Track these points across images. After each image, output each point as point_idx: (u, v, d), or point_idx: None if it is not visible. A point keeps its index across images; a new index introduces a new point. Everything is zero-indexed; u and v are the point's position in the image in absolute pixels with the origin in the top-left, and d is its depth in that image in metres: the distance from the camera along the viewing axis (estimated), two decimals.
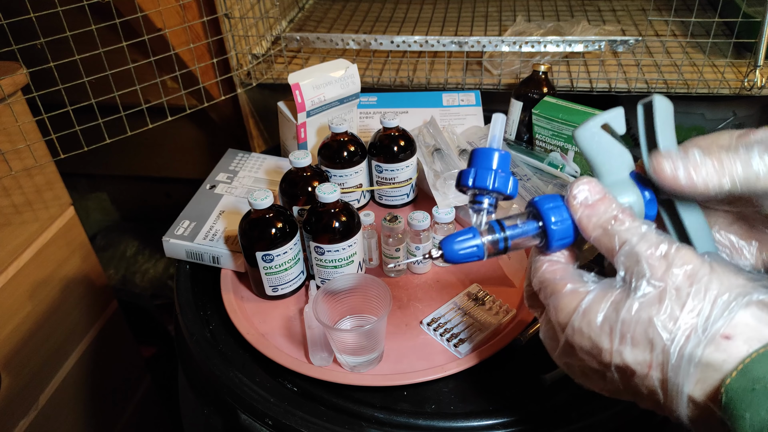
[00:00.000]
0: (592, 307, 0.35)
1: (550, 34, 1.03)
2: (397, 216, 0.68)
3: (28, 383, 0.93)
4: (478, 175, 0.43)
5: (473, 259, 0.41)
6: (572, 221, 0.39)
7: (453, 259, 0.41)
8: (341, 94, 0.79)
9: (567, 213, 0.39)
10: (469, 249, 0.41)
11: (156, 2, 0.92)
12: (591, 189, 0.38)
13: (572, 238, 0.40)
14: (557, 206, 0.40)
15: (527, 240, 0.41)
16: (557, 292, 0.38)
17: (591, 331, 0.35)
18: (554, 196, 0.41)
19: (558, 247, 0.40)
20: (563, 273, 0.39)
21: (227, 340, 0.64)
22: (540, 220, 0.40)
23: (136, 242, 1.58)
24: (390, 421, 0.54)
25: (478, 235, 0.41)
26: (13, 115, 0.81)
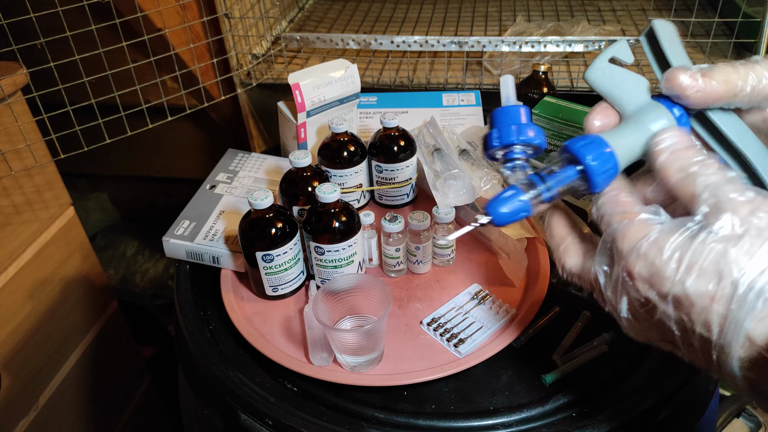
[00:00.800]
0: (663, 235, 0.34)
1: (550, 34, 1.04)
2: (397, 216, 0.68)
3: (28, 383, 0.93)
4: (503, 132, 0.42)
5: (522, 216, 0.40)
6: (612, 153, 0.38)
7: (502, 221, 0.40)
8: (341, 94, 0.79)
9: (603, 146, 0.38)
10: (515, 207, 0.40)
11: (156, 2, 0.92)
12: (679, 136, 0.37)
13: (615, 169, 0.39)
14: (590, 142, 0.39)
15: (570, 186, 0.40)
16: (627, 219, 0.37)
17: (657, 257, 0.34)
18: (584, 136, 0.39)
19: (603, 182, 0.39)
20: (634, 204, 0.38)
21: (227, 340, 0.64)
22: (577, 163, 0.39)
23: (136, 242, 1.58)
24: (390, 421, 0.54)
25: (521, 191, 0.40)
26: (13, 115, 0.81)
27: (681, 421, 0.57)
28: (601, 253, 0.39)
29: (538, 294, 0.65)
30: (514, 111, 0.42)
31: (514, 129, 0.41)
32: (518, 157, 0.42)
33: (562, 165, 0.40)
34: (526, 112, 0.42)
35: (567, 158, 0.40)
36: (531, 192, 0.40)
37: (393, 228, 0.67)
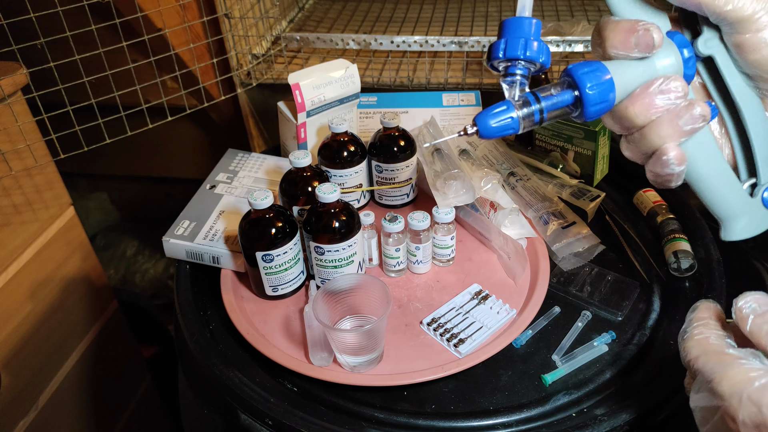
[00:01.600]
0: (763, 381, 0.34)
1: (550, 34, 1.03)
2: (397, 216, 0.68)
3: (28, 383, 0.93)
4: (509, 45, 0.41)
5: (509, 132, 0.40)
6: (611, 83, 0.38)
7: (488, 133, 0.40)
8: (341, 94, 0.79)
9: (604, 75, 0.38)
10: (504, 121, 0.40)
11: (156, 2, 0.92)
12: (758, 300, 0.38)
13: (610, 103, 0.39)
14: (594, 69, 0.38)
15: (564, 110, 0.40)
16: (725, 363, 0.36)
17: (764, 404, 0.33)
18: (590, 62, 0.39)
19: (594, 114, 0.39)
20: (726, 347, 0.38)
21: (227, 340, 0.64)
22: (575, 89, 0.39)
23: (136, 242, 1.57)
24: (390, 421, 0.54)
25: (513, 108, 0.40)
26: (13, 115, 0.81)
27: (681, 421, 0.57)
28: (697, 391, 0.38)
29: (538, 294, 0.65)
30: (524, 23, 0.41)
31: (521, 43, 0.41)
32: (519, 73, 0.41)
33: (561, 88, 0.40)
34: (537, 26, 0.41)
35: (567, 81, 0.40)
36: (523, 110, 0.40)
37: (393, 228, 0.67)
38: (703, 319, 0.41)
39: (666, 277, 0.69)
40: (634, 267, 0.71)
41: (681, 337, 0.41)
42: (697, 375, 0.38)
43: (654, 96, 0.38)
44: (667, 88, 0.38)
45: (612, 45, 0.39)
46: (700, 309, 0.42)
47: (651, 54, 0.38)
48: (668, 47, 0.39)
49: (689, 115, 0.38)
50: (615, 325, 0.64)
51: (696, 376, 0.38)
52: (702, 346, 0.39)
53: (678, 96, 0.38)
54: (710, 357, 0.37)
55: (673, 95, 0.38)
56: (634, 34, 0.38)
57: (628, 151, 0.41)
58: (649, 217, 0.76)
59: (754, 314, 0.37)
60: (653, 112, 0.38)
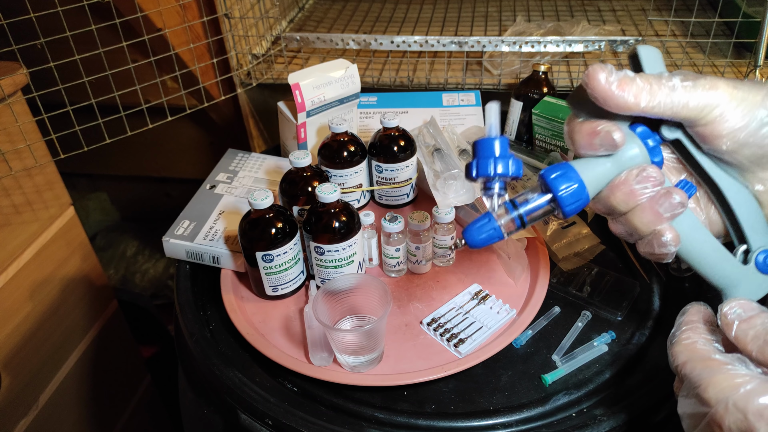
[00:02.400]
0: (757, 390, 0.34)
1: (550, 34, 1.03)
2: (397, 216, 0.68)
3: (28, 383, 0.93)
4: (480, 165, 0.45)
5: (495, 240, 0.45)
6: (582, 184, 0.42)
7: (476, 244, 0.45)
8: (341, 94, 0.79)
9: (575, 177, 0.42)
10: (488, 232, 0.44)
11: (156, 2, 0.92)
12: (743, 305, 0.38)
13: (584, 200, 0.42)
14: (563, 173, 0.42)
15: (543, 211, 0.44)
16: (712, 368, 0.37)
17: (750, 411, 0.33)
18: (561, 165, 0.42)
19: (573, 211, 0.42)
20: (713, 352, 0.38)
21: (227, 340, 0.64)
22: (549, 191, 0.43)
23: (136, 242, 1.58)
24: (390, 421, 0.54)
25: (494, 219, 0.44)
26: (13, 115, 0.81)
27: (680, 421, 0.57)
28: (684, 398, 0.38)
29: (538, 294, 0.65)
30: (491, 144, 0.45)
31: (491, 163, 0.45)
32: (496, 186, 0.46)
33: (538, 191, 0.44)
34: (503, 144, 0.45)
35: (542, 185, 0.44)
36: (503, 219, 0.44)
37: (393, 228, 0.67)
38: (691, 323, 0.41)
39: (666, 277, 0.69)
40: (634, 267, 0.71)
41: (669, 341, 0.41)
42: (684, 380, 0.38)
43: (632, 186, 0.41)
44: (644, 177, 0.41)
45: (580, 146, 0.42)
46: (689, 312, 0.42)
47: (612, 152, 0.41)
48: (632, 140, 0.42)
49: (668, 203, 0.41)
50: (615, 325, 0.64)
51: (684, 382, 0.38)
52: (689, 352, 0.39)
53: (655, 183, 0.41)
54: (697, 363, 0.38)
55: (650, 184, 0.41)
56: (597, 136, 0.41)
57: (617, 230, 0.45)
58: None
59: (739, 320, 0.38)
60: (633, 201, 0.41)
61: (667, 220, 0.41)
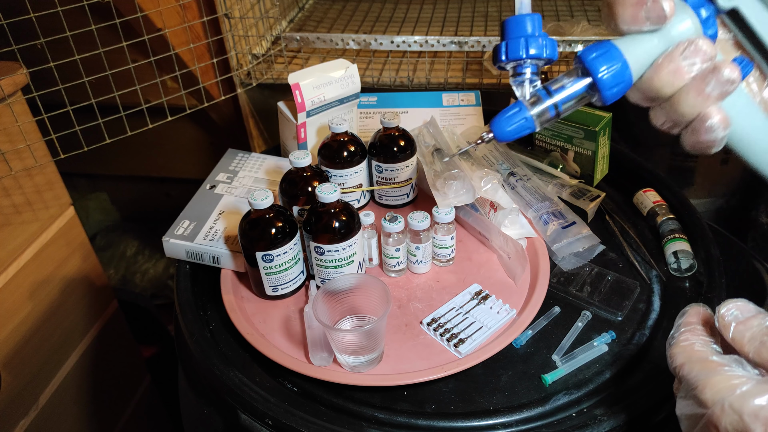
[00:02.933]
0: (753, 391, 0.34)
1: (550, 34, 1.03)
2: (397, 216, 0.68)
3: (28, 383, 0.93)
4: (510, 47, 0.41)
5: (526, 132, 0.40)
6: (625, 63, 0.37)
7: (505, 136, 0.40)
8: (341, 94, 0.79)
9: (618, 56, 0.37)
10: (518, 122, 0.40)
11: (156, 2, 0.92)
12: (740, 307, 0.38)
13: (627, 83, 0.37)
14: (604, 52, 0.37)
15: (579, 98, 0.40)
16: (709, 370, 0.36)
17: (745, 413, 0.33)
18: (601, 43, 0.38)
19: (614, 96, 0.38)
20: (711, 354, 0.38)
21: (227, 340, 0.64)
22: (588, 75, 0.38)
23: (136, 242, 1.57)
24: (390, 421, 0.54)
25: (525, 107, 0.40)
26: (13, 115, 0.81)
27: None
28: (682, 399, 0.38)
29: (538, 294, 0.65)
30: (524, 21, 0.41)
31: (521, 43, 0.40)
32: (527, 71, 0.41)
33: (575, 75, 0.39)
34: (537, 21, 0.41)
35: (580, 68, 0.39)
36: (536, 108, 0.40)
37: (393, 228, 0.67)
38: (690, 324, 0.41)
39: (666, 277, 0.69)
40: (634, 267, 0.71)
41: (668, 343, 0.41)
42: (682, 382, 0.38)
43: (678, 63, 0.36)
44: (692, 52, 0.36)
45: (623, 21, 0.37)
46: (688, 314, 0.42)
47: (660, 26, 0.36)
48: (683, 11, 0.37)
49: (715, 79, 0.36)
50: (615, 325, 0.64)
51: (682, 383, 0.39)
52: (687, 353, 0.39)
53: (705, 59, 0.36)
54: (694, 364, 0.38)
55: (698, 59, 0.36)
56: (643, 6, 0.36)
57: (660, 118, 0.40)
58: (649, 217, 0.76)
59: (736, 321, 0.38)
60: (679, 80, 0.36)
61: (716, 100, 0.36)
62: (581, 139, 0.80)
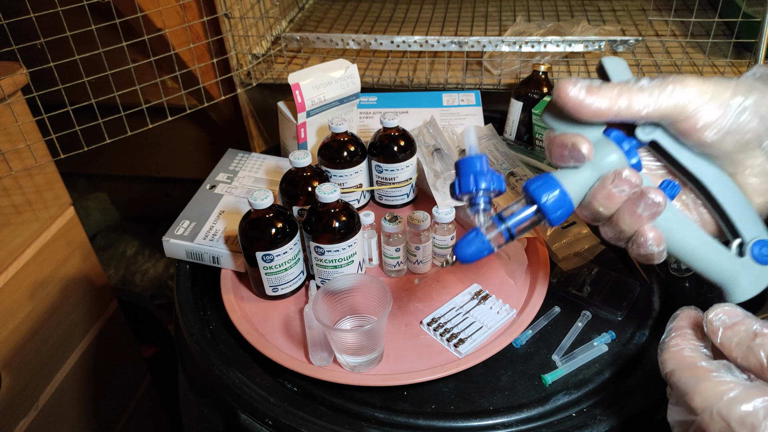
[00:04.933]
0: (739, 397, 0.34)
1: (550, 34, 1.03)
2: (397, 216, 0.68)
3: (28, 383, 0.93)
4: (462, 183, 0.46)
5: (485, 254, 0.45)
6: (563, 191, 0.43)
7: (466, 259, 0.45)
8: (341, 94, 0.79)
9: (555, 186, 0.43)
10: (476, 246, 0.45)
11: (156, 2, 0.92)
12: (728, 312, 0.38)
13: (568, 207, 0.43)
14: (543, 182, 0.43)
15: (530, 222, 0.45)
16: (698, 377, 0.37)
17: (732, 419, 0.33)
18: (542, 176, 0.44)
19: (559, 219, 0.43)
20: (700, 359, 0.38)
21: (227, 340, 0.64)
22: (534, 202, 0.44)
23: (136, 242, 1.58)
24: (390, 421, 0.54)
25: (482, 234, 0.45)
26: (13, 115, 0.81)
27: None
28: (673, 405, 0.39)
29: (538, 294, 0.65)
30: (472, 162, 0.46)
31: (471, 180, 0.46)
32: (481, 201, 0.46)
33: (524, 203, 0.45)
34: (483, 161, 0.46)
35: (527, 197, 0.45)
36: (492, 233, 0.45)
37: (393, 228, 0.67)
38: (681, 329, 0.41)
39: (666, 277, 0.69)
40: (634, 267, 0.71)
41: (660, 348, 0.41)
42: (673, 388, 0.39)
43: (610, 190, 0.42)
44: (621, 180, 0.42)
45: (554, 158, 0.44)
46: (679, 318, 0.43)
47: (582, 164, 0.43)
48: (607, 146, 0.43)
49: (643, 203, 0.41)
50: (615, 325, 0.64)
51: (673, 389, 0.39)
52: (677, 360, 0.39)
53: (631, 185, 0.42)
54: (684, 371, 0.38)
55: (626, 186, 0.42)
56: (566, 149, 0.43)
57: (607, 233, 0.45)
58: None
59: (724, 326, 0.38)
60: (613, 203, 0.42)
61: (648, 219, 0.42)
62: None
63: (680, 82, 0.41)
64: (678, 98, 0.40)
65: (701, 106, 0.40)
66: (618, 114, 0.41)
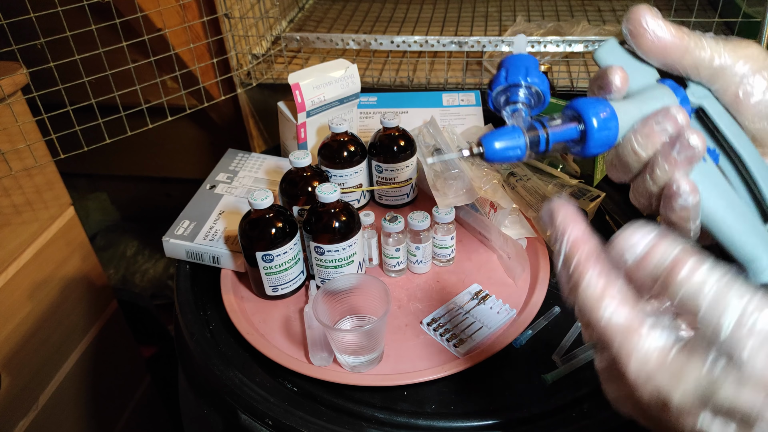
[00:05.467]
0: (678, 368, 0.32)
1: (550, 34, 1.03)
2: (397, 216, 0.68)
3: (28, 383, 0.93)
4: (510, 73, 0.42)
5: (513, 158, 0.40)
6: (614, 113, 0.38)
7: (493, 156, 0.39)
8: (341, 94, 0.79)
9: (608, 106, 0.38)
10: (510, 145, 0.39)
11: (156, 2, 0.92)
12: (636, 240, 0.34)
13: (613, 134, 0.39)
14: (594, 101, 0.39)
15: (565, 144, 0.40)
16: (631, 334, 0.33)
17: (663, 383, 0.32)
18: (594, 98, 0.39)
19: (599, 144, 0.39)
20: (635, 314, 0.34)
21: (227, 340, 0.64)
22: (580, 122, 0.39)
23: (136, 242, 1.58)
24: (390, 421, 0.54)
25: (521, 132, 0.39)
26: (13, 115, 0.81)
27: None
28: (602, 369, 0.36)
29: (538, 294, 0.65)
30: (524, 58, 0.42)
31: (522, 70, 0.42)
32: (521, 101, 0.42)
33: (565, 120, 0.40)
34: (535, 62, 0.43)
35: (569, 116, 0.40)
36: (530, 135, 0.39)
37: (393, 228, 0.67)
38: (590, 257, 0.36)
39: None
40: None
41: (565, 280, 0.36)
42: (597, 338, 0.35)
43: (652, 126, 0.37)
44: (666, 116, 0.37)
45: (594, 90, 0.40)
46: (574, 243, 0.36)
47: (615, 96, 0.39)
48: (661, 88, 0.39)
49: (680, 144, 0.37)
50: None
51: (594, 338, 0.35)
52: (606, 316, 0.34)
53: (676, 125, 0.37)
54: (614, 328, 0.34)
55: (670, 124, 0.37)
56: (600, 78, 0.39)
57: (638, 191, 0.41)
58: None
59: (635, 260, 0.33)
60: (652, 143, 0.38)
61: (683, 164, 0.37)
62: None
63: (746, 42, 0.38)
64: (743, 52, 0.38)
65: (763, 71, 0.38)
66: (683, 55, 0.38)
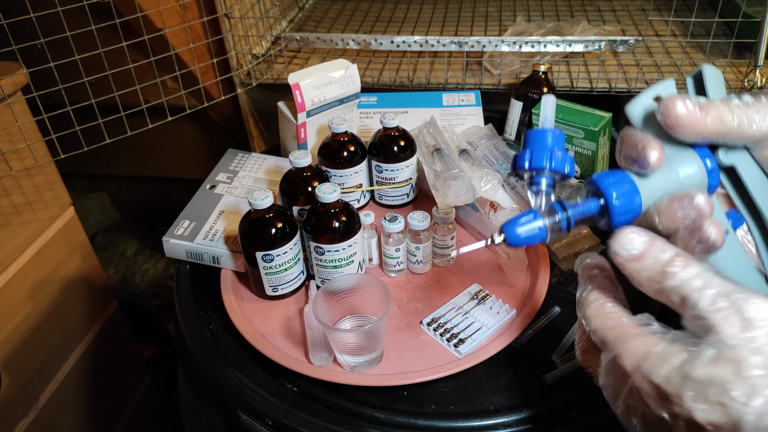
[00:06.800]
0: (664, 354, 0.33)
1: (550, 34, 1.03)
2: (397, 216, 0.68)
3: (28, 383, 0.93)
4: (534, 156, 0.41)
5: (536, 242, 0.40)
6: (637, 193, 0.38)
7: (516, 242, 0.40)
8: (341, 94, 0.79)
9: (631, 186, 0.38)
10: (531, 231, 0.40)
11: (156, 2, 0.92)
12: (632, 239, 0.36)
13: (636, 212, 0.38)
14: (618, 180, 0.38)
15: (590, 218, 0.40)
16: (623, 337, 0.35)
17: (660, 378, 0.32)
18: (615, 171, 0.39)
19: (623, 222, 0.39)
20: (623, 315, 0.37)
21: (227, 340, 0.64)
22: (601, 197, 0.39)
23: (136, 242, 1.58)
24: (390, 421, 0.54)
25: (540, 217, 0.40)
26: (13, 115, 0.81)
27: None
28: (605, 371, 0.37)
29: (538, 294, 0.65)
30: (548, 135, 0.42)
31: (546, 155, 0.41)
32: (544, 182, 0.42)
33: (585, 196, 0.40)
34: (560, 138, 0.42)
35: (592, 191, 0.40)
36: (549, 219, 0.40)
37: (393, 228, 0.67)
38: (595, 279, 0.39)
39: None
40: None
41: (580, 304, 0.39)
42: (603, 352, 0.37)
43: (675, 211, 0.37)
44: (690, 205, 0.37)
45: (622, 158, 0.39)
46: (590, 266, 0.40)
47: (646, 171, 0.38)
48: (691, 157, 0.38)
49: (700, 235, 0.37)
50: None
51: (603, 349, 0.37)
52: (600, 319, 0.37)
53: (700, 214, 0.37)
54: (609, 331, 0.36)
55: (693, 213, 0.37)
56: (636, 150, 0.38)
57: None
58: None
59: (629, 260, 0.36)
60: (675, 225, 0.38)
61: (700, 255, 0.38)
62: (581, 139, 0.80)
63: None
64: None
65: None
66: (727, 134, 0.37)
